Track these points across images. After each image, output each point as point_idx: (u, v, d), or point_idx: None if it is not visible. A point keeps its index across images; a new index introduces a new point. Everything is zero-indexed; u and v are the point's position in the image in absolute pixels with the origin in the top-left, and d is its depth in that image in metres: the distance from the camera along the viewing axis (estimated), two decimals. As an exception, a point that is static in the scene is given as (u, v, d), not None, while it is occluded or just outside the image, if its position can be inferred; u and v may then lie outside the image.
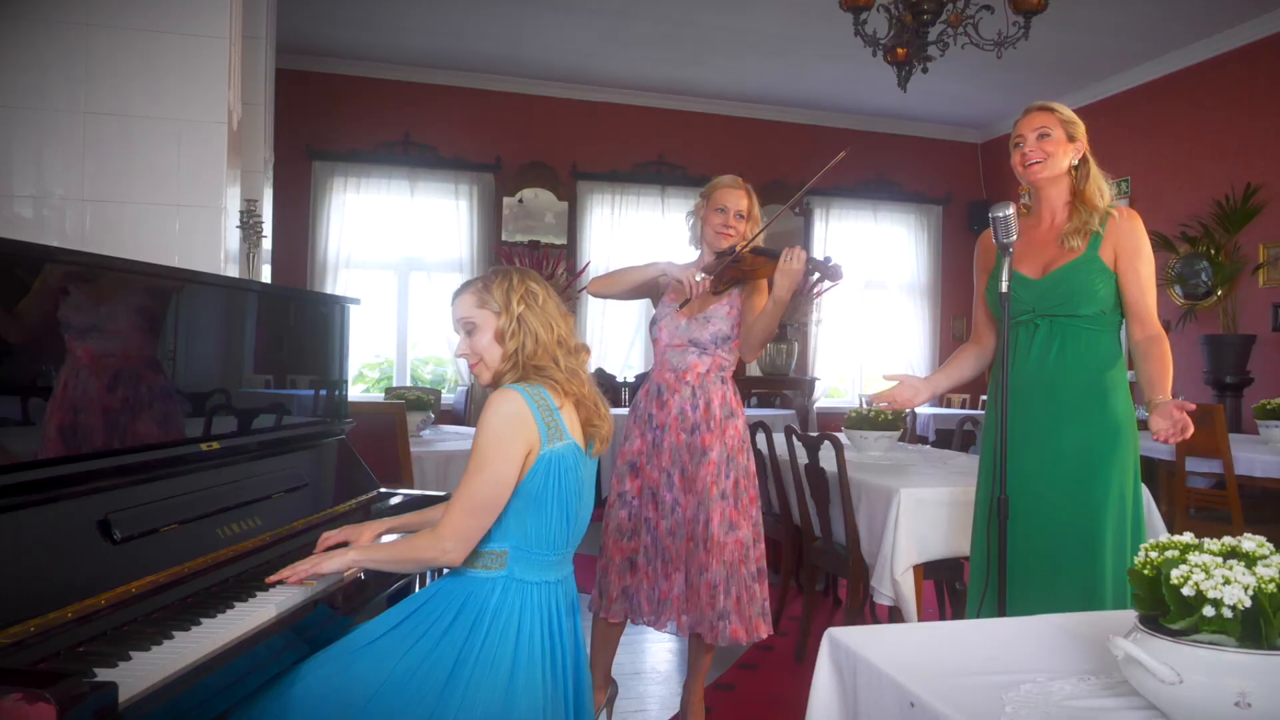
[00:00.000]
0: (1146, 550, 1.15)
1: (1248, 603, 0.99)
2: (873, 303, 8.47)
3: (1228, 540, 1.13)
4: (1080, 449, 2.16)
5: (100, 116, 2.83)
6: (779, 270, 2.55)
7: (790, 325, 7.89)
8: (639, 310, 8.01)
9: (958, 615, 3.42)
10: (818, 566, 3.66)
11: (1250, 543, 1.09)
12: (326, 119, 7.39)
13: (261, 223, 3.54)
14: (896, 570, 2.95)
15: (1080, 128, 2.26)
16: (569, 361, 1.73)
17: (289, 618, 1.64)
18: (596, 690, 2.75)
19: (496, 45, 6.87)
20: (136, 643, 1.37)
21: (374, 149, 7.45)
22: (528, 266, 1.85)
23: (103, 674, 1.25)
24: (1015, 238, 2.17)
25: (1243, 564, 1.05)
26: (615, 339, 8.01)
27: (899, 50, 4.03)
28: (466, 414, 6.93)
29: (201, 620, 1.51)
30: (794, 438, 3.58)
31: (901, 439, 5.23)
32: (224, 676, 1.43)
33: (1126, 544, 2.14)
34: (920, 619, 3.04)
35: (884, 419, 3.96)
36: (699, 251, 2.85)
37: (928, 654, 1.32)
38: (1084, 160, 2.26)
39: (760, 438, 3.99)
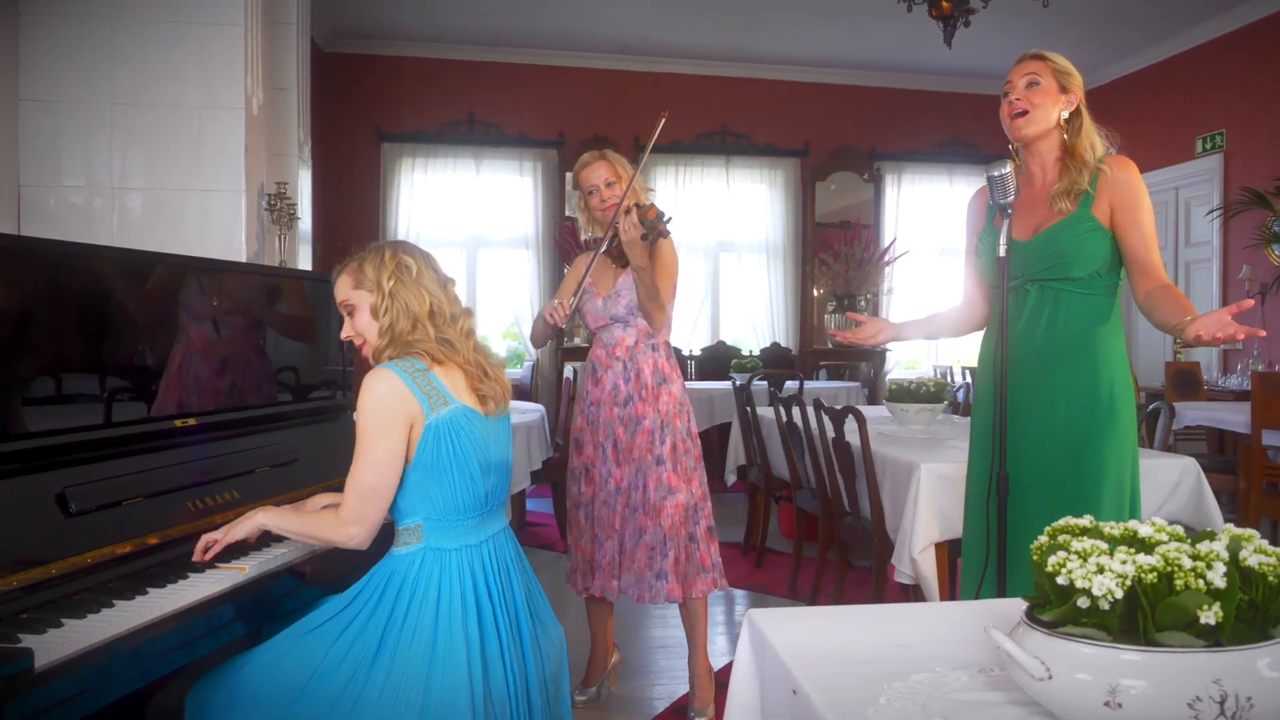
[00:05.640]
0: (1047, 533, 1.06)
1: (1118, 594, 0.91)
2: (949, 271, 8.12)
3: (1131, 524, 1.03)
4: (1073, 422, 2.03)
5: (126, 107, 2.95)
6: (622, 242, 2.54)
7: (860, 295, 7.68)
8: (704, 282, 7.94)
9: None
10: (848, 542, 3.57)
11: (1148, 528, 1.00)
12: (395, 101, 7.54)
13: (294, 205, 3.64)
14: (915, 548, 2.84)
15: (1076, 80, 2.10)
16: (447, 331, 1.73)
17: (242, 589, 1.69)
18: (599, 660, 2.78)
19: (554, 20, 6.87)
20: (73, 610, 1.43)
21: (440, 128, 7.57)
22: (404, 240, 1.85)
23: (28, 640, 1.31)
24: (1014, 198, 2.05)
25: (1131, 551, 0.96)
26: (680, 314, 7.94)
27: (943, 4, 3.82)
28: (533, 389, 7.00)
29: (148, 590, 1.57)
30: (820, 411, 3.48)
31: (954, 410, 5.03)
32: (162, 644, 1.48)
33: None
34: (946, 598, 2.93)
35: (926, 391, 3.81)
36: (598, 237, 2.83)
37: (837, 640, 1.26)
38: (1076, 113, 2.10)
39: (795, 411, 3.90)
